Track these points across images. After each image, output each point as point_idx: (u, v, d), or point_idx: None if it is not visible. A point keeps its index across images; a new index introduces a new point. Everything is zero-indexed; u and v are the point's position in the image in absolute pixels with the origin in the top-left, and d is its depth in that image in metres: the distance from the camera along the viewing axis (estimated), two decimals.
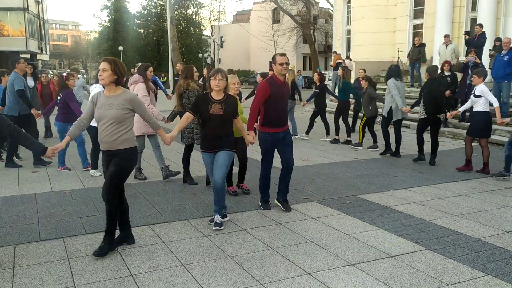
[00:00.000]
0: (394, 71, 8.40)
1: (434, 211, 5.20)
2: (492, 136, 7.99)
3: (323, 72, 27.63)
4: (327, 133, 10.68)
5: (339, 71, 10.49)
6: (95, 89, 6.75)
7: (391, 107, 8.40)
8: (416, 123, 11.21)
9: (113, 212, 3.97)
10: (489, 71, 12.43)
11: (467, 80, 10.65)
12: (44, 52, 45.34)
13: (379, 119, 11.27)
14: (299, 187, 6.27)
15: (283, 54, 5.08)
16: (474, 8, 16.94)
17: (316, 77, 10.45)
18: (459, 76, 11.37)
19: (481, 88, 6.95)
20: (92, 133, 6.77)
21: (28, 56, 42.03)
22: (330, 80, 26.66)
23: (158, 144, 6.70)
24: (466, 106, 7.46)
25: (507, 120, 7.22)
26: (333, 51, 23.77)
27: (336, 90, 13.52)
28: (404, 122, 9.39)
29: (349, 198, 5.77)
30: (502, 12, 15.50)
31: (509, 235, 4.43)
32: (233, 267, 3.72)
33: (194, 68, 6.46)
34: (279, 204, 5.28)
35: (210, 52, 53.76)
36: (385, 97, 8.57)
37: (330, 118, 10.85)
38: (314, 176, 6.99)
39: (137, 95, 5.37)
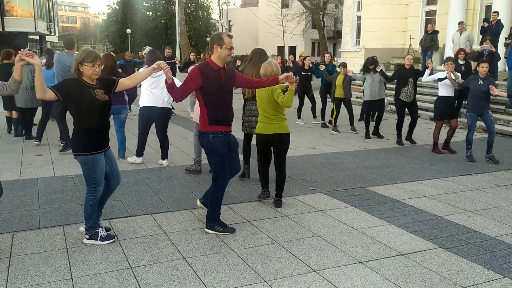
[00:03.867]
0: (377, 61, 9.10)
1: (447, 206, 5.01)
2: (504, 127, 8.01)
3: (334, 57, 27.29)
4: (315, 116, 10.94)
5: (326, 57, 10.87)
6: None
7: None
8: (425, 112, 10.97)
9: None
10: (504, 60, 12.11)
11: None
12: (52, 33, 45.18)
13: (389, 107, 11.06)
14: (305, 177, 6.10)
15: (231, 36, 4.06)
16: None
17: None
18: (474, 65, 11.03)
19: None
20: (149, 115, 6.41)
21: (37, 37, 41.93)
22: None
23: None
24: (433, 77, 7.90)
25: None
26: (342, 37, 23.36)
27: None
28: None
29: (357, 190, 5.59)
30: None
31: None
32: (236, 262, 3.58)
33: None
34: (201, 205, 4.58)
35: None
36: (376, 83, 8.93)
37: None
38: (321, 165, 6.80)
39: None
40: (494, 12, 12.84)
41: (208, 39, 46.60)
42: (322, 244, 3.94)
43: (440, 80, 7.66)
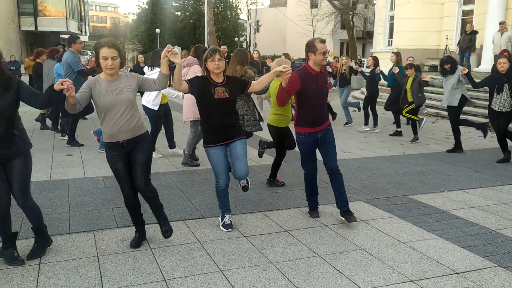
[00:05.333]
0: (455, 60, 7.78)
1: (500, 219, 4.63)
2: None
3: (362, 59, 26.72)
4: (369, 123, 10.05)
5: (392, 57, 9.72)
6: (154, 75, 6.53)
7: (462, 96, 7.53)
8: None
9: (157, 197, 3.83)
10: None
11: None
12: (83, 33, 46.02)
13: (426, 110, 10.59)
14: None
15: (323, 41, 4.27)
16: None
17: (370, 62, 9.80)
18: None
19: None
20: (153, 114, 6.76)
21: (68, 36, 42.77)
22: (368, 67, 25.77)
23: (198, 132, 6.40)
24: None
25: None
26: (374, 37, 22.85)
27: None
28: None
29: (399, 198, 5.26)
30: None
31: None
32: (276, 277, 3.33)
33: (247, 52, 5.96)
34: (342, 218, 4.45)
35: (246, 36, 53.19)
36: (448, 87, 7.64)
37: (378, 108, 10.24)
38: (358, 171, 6.48)
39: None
40: None
41: (236, 39, 46.82)
42: (368, 258, 3.66)
43: None
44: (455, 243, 3.98)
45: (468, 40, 13.76)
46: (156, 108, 6.68)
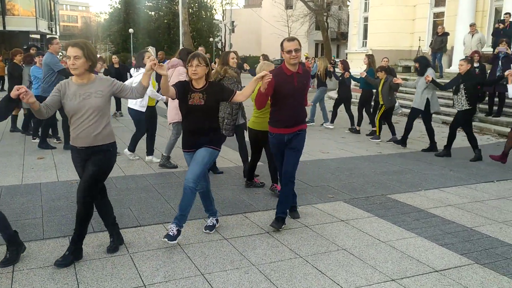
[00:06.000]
0: (429, 61, 7.91)
1: (475, 216, 4.72)
2: None
3: (336, 60, 26.99)
4: (352, 124, 10.13)
5: (365, 60, 9.93)
6: (139, 76, 6.42)
7: (428, 99, 7.76)
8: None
9: (86, 218, 3.46)
10: None
11: (497, 72, 10.06)
12: (54, 33, 44.91)
13: (400, 110, 10.76)
14: (322, 184, 5.82)
15: (291, 39, 4.11)
16: None
17: (340, 66, 9.97)
18: (488, 67, 10.77)
19: None
20: (139, 117, 6.65)
21: (38, 36, 41.67)
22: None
23: (180, 134, 6.34)
24: None
25: None
26: (348, 38, 23.11)
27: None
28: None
29: (378, 197, 5.30)
30: None
31: None
32: (258, 279, 3.29)
33: (232, 54, 5.90)
34: (271, 223, 4.25)
35: (221, 36, 53.02)
36: (418, 89, 7.89)
37: (353, 109, 10.33)
38: (337, 171, 6.52)
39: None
40: (506, 13, 12.55)
41: (211, 39, 46.49)
42: (349, 258, 3.66)
43: None
44: (433, 241, 4.03)
45: (440, 41, 14.03)
46: (143, 109, 6.52)
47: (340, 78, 9.92)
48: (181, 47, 25.99)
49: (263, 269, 3.44)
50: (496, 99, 10.60)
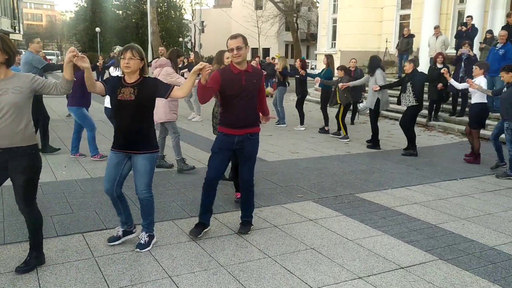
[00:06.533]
0: (380, 62, 8.38)
1: (439, 214, 4.84)
2: (483, 131, 8.19)
3: (306, 60, 27.29)
4: (302, 122, 10.59)
5: (324, 60, 10.36)
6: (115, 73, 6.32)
7: (378, 99, 8.13)
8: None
9: (39, 224, 3.36)
10: None
11: (460, 73, 10.38)
12: (17, 31, 43.50)
13: (368, 110, 10.97)
14: (291, 183, 5.84)
15: (234, 37, 3.92)
16: (462, 0, 16.73)
17: (298, 64, 10.26)
18: (451, 68, 11.08)
19: (480, 80, 7.08)
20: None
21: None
22: (312, 69, 26.36)
23: (178, 132, 6.31)
24: (461, 86, 7.81)
25: None
26: (317, 39, 23.37)
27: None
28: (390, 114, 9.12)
29: (346, 197, 5.37)
30: (490, 5, 15.31)
31: None
32: (227, 280, 3.27)
33: (227, 53, 5.59)
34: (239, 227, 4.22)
35: (191, 36, 52.66)
36: (370, 89, 8.25)
37: (316, 108, 10.48)
38: (306, 171, 6.56)
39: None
40: (468, 16, 12.98)
41: (180, 39, 46.07)
42: (318, 257, 3.68)
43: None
44: (399, 239, 4.11)
45: (406, 43, 14.37)
46: None
47: (298, 76, 10.30)
48: (149, 47, 25.69)
49: (232, 270, 3.42)
50: (460, 100, 10.92)
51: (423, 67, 15.16)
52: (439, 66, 10.23)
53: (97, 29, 41.50)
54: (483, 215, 4.84)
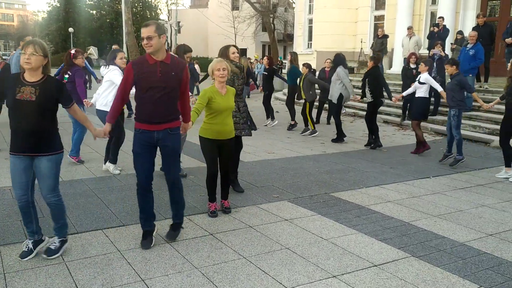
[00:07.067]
0: (343, 60, 8.93)
1: (412, 211, 4.92)
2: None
3: (283, 61, 27.41)
4: (268, 117, 11.00)
5: (289, 57, 10.85)
6: (114, 71, 5.99)
7: (340, 94, 8.74)
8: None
9: None
10: None
11: (432, 73, 10.56)
12: None
13: (344, 110, 11.11)
14: (267, 184, 5.84)
15: (146, 25, 3.63)
16: (434, 2, 17.07)
17: (265, 61, 10.61)
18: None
19: (425, 76, 7.75)
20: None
21: None
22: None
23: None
24: (409, 91, 8.09)
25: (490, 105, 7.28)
26: (294, 40, 23.49)
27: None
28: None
29: (321, 196, 5.40)
30: (461, 6, 15.68)
31: (493, 239, 4.19)
32: (201, 282, 3.24)
33: (232, 48, 5.27)
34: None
35: (167, 37, 52.18)
36: (334, 84, 8.84)
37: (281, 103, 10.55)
38: (282, 171, 6.58)
39: None
40: (440, 17, 13.25)
41: None
42: (292, 257, 3.69)
43: (420, 83, 7.78)
44: (373, 237, 4.16)
45: (380, 43, 14.56)
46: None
47: (266, 73, 10.89)
48: (124, 47, 25.31)
49: (206, 272, 3.39)
50: (432, 99, 11.12)
51: (397, 67, 15.44)
52: (412, 66, 10.42)
53: (70, 30, 40.74)
54: (454, 212, 4.93)
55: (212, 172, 4.61)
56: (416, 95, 7.83)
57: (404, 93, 8.52)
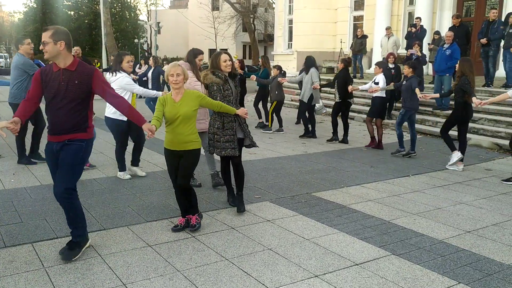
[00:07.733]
0: (314, 61, 9.37)
1: (392, 210, 4.99)
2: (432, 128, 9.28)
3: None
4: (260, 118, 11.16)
5: (260, 60, 11.16)
6: (125, 78, 5.69)
7: (311, 95, 9.18)
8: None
9: None
10: (429, 64, 12.72)
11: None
12: None
13: (325, 110, 11.19)
14: (249, 185, 5.85)
15: (44, 30, 3.47)
16: (412, 2, 17.32)
17: (237, 64, 10.63)
18: (402, 68, 11.44)
19: (379, 78, 8.37)
20: (119, 128, 5.78)
21: None
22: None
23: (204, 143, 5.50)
24: (365, 87, 8.78)
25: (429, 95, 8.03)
26: (274, 40, 23.55)
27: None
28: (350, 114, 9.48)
29: (303, 196, 5.44)
30: (438, 7, 15.93)
31: (470, 236, 4.29)
32: (183, 285, 3.23)
33: (224, 56, 4.70)
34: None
35: (147, 38, 51.76)
36: (306, 85, 9.20)
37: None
38: (264, 171, 6.59)
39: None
40: (417, 17, 13.47)
41: (136, 40, 44.93)
42: (275, 258, 3.70)
43: (375, 83, 8.36)
44: (354, 236, 4.20)
45: (360, 43, 14.72)
46: (124, 118, 5.56)
47: (245, 75, 11.09)
48: (103, 48, 25.03)
49: (188, 275, 3.38)
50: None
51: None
52: (390, 66, 10.57)
53: None
54: (433, 210, 5.02)
55: (174, 184, 4.31)
56: (374, 95, 8.36)
57: (360, 87, 9.08)
